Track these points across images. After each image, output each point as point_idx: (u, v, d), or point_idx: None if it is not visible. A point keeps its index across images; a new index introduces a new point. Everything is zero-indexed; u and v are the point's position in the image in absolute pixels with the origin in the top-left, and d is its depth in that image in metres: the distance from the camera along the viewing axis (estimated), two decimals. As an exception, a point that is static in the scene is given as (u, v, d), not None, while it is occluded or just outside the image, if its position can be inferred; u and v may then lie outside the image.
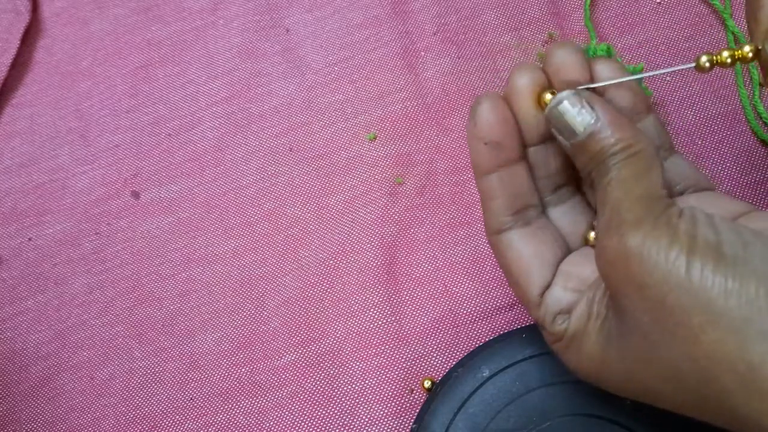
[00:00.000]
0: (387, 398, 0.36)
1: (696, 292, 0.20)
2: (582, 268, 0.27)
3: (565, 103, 0.25)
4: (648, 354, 0.22)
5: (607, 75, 0.27)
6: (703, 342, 0.20)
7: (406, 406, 0.35)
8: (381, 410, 0.35)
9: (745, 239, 0.21)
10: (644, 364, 0.22)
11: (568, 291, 0.26)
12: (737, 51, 0.26)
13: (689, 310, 0.20)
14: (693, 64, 0.27)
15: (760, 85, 0.39)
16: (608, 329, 0.24)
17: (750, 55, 0.26)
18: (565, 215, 0.29)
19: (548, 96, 0.27)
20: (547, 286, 0.27)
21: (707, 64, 0.27)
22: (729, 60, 0.26)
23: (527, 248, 0.27)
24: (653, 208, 0.23)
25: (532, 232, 0.27)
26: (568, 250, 0.28)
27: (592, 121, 0.25)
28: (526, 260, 0.27)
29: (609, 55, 0.37)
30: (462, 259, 0.38)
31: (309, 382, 0.37)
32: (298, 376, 0.37)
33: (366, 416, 0.35)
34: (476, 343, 0.36)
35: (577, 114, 0.25)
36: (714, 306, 0.20)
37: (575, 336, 0.25)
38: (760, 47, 0.26)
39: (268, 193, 0.42)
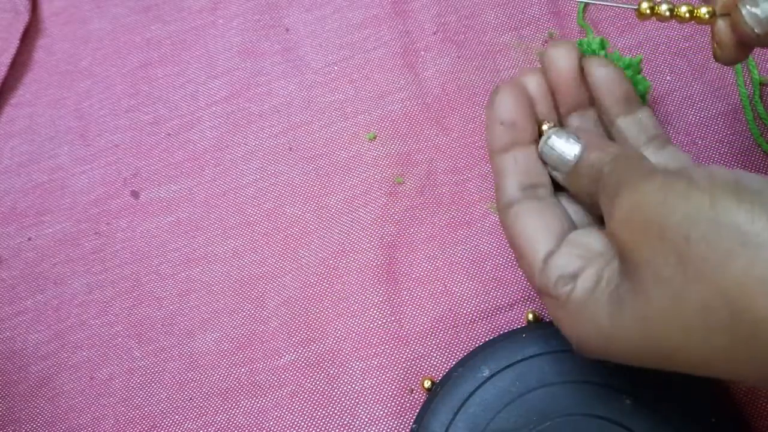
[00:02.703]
0: (387, 398, 0.36)
1: (721, 221, 0.20)
2: (589, 239, 0.27)
3: (553, 137, 0.29)
4: (672, 302, 0.22)
5: (598, 72, 0.30)
6: (732, 269, 0.20)
7: (406, 406, 0.35)
8: (381, 410, 0.35)
9: (761, 178, 0.22)
10: (667, 317, 0.22)
11: (574, 257, 0.26)
12: (696, 9, 0.28)
13: (715, 240, 0.20)
14: (635, 6, 0.30)
15: (761, 84, 0.39)
16: (620, 294, 0.23)
17: (706, 16, 0.28)
18: (573, 202, 0.30)
19: (545, 126, 0.30)
20: (552, 253, 0.27)
21: (648, 11, 0.29)
22: (668, 13, 0.29)
23: (534, 219, 0.28)
24: (660, 169, 0.24)
25: (539, 206, 0.28)
26: (574, 228, 0.28)
27: (579, 148, 0.28)
28: (532, 229, 0.28)
29: (603, 47, 0.37)
30: (462, 259, 0.38)
31: (309, 382, 0.37)
32: (297, 375, 0.37)
33: (366, 416, 0.35)
34: (476, 343, 0.36)
35: (564, 143, 0.28)
36: (741, 230, 0.20)
37: (580, 301, 0.25)
38: (718, 13, 0.28)
39: (268, 192, 0.42)
